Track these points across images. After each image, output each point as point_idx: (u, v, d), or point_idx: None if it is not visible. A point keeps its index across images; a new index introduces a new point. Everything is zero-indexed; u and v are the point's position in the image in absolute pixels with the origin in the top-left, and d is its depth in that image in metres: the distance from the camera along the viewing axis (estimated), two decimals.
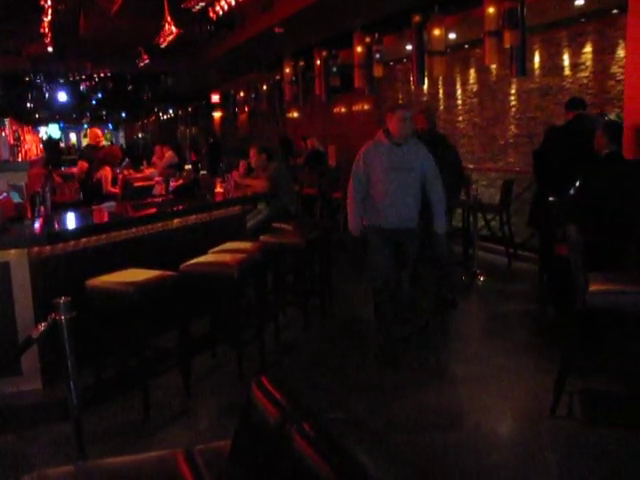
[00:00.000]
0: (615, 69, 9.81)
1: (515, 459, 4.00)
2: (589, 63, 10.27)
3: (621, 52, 9.51)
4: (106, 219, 5.97)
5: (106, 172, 9.72)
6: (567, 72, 10.68)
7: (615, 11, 9.51)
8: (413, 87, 13.85)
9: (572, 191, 5.85)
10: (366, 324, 6.78)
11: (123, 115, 38.83)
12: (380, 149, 5.76)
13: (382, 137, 5.81)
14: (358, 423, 1.96)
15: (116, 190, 9.77)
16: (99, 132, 10.96)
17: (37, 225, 5.33)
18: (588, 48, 10.26)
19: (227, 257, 5.40)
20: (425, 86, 12.77)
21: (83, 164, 10.14)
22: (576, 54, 10.50)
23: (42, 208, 5.72)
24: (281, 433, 1.91)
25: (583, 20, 10.24)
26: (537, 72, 11.30)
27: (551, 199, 6.95)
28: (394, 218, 5.67)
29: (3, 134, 7.31)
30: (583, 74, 10.37)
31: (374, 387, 5.15)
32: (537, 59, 11.28)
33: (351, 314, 7.19)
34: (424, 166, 5.72)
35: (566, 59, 10.73)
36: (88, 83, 24.06)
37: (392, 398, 4.90)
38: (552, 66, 10.99)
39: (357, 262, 9.80)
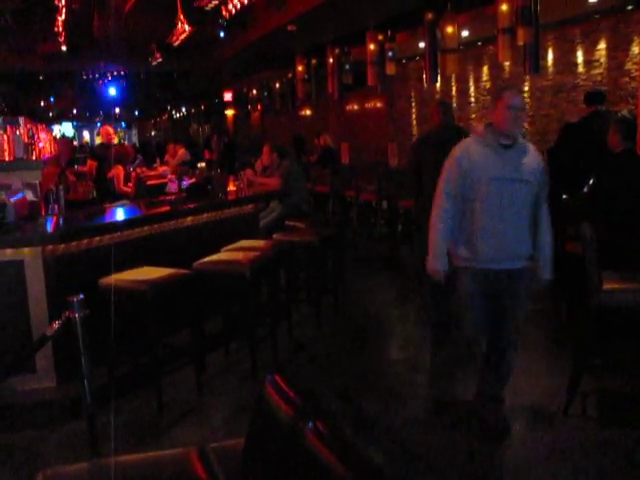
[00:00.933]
0: (629, 66, 9.76)
1: (529, 458, 3.98)
2: (603, 60, 10.22)
3: (635, 49, 9.46)
4: (119, 217, 5.98)
5: (118, 171, 9.74)
6: (581, 69, 10.64)
7: (630, 7, 9.46)
8: (426, 85, 13.83)
9: (585, 189, 5.82)
10: (377, 321, 6.79)
11: (136, 113, 38.95)
12: (482, 150, 4.11)
13: (483, 133, 4.16)
14: (372, 421, 1.96)
15: (128, 189, 9.80)
16: (111, 130, 10.99)
17: (51, 223, 5.36)
18: (602, 45, 10.22)
19: (240, 255, 5.41)
20: (438, 84, 12.74)
21: (92, 163, 10.16)
22: (590, 51, 10.45)
23: (56, 206, 5.75)
24: (294, 431, 1.91)
25: (597, 16, 10.20)
26: (550, 69, 11.27)
27: (564, 197, 6.92)
28: (497, 253, 4.09)
29: (18, 133, 7.35)
30: (597, 71, 10.33)
31: (388, 385, 5.15)
32: (550, 56, 11.24)
33: (364, 312, 7.18)
34: (538, 178, 4.14)
35: (580, 56, 10.69)
36: (101, 81, 24.13)
37: (406, 396, 4.90)
38: (565, 63, 10.95)
39: (369, 260, 9.80)
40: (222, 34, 13.38)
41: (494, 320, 4.19)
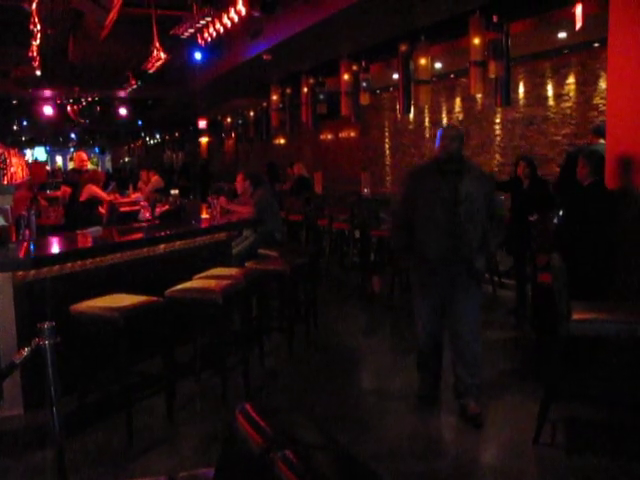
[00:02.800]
0: (597, 100, 9.97)
1: None
2: (572, 94, 10.43)
3: (603, 84, 9.68)
4: (91, 244, 5.96)
5: (92, 189, 9.73)
6: (551, 102, 10.85)
7: (596, 44, 9.68)
8: (399, 115, 13.99)
9: (555, 220, 5.92)
10: (349, 350, 6.80)
11: (110, 139, 38.85)
12: None
13: None
14: (342, 450, 1.96)
15: (109, 198, 9.81)
16: (84, 156, 10.98)
17: (22, 249, 5.32)
18: (571, 79, 10.44)
19: (212, 283, 5.40)
20: (411, 114, 12.90)
21: (66, 189, 10.14)
22: (560, 85, 10.67)
23: (27, 232, 5.71)
24: (265, 461, 1.91)
25: (566, 52, 10.42)
26: (521, 102, 11.47)
27: (532, 218, 7.02)
28: None
29: None
30: (566, 104, 10.53)
31: (359, 414, 5.14)
32: (521, 89, 11.45)
33: (336, 340, 7.18)
34: None
35: (550, 89, 10.90)
36: (75, 107, 24.07)
37: (377, 425, 4.90)
38: (536, 96, 11.16)
39: (341, 289, 9.83)
40: (198, 56, 13.41)
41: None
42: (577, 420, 4.81)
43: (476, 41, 8.94)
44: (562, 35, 9.63)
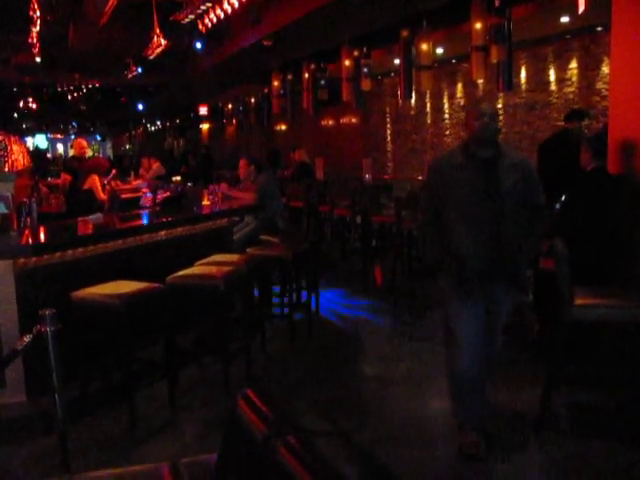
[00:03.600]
0: (600, 85, 9.93)
1: (501, 473, 4.00)
2: (575, 79, 10.39)
3: (605, 69, 9.63)
4: (92, 231, 5.95)
5: (94, 180, 9.70)
6: (553, 87, 10.80)
7: (599, 29, 9.62)
8: (401, 101, 13.94)
9: (557, 206, 5.90)
10: (351, 337, 6.80)
11: (110, 126, 38.78)
12: None
13: None
14: (344, 436, 1.96)
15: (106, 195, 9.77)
16: (84, 143, 10.93)
17: (23, 236, 5.31)
18: (574, 64, 10.38)
19: (214, 269, 5.40)
20: (413, 100, 12.85)
21: (66, 177, 10.10)
22: (562, 70, 10.61)
23: (28, 219, 5.71)
24: (267, 446, 1.91)
25: (568, 37, 10.36)
26: (523, 87, 11.42)
27: None
28: None
29: None
30: (569, 89, 10.49)
31: (360, 400, 5.15)
32: (523, 74, 11.39)
33: (337, 326, 7.19)
34: None
35: (552, 74, 10.85)
36: (76, 94, 24.01)
37: (379, 411, 4.90)
38: (538, 81, 11.11)
39: (343, 275, 9.83)
40: (199, 46, 13.38)
41: None
42: (580, 406, 4.82)
43: (478, 26, 8.88)
44: (565, 19, 9.57)
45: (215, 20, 10.63)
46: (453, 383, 4.34)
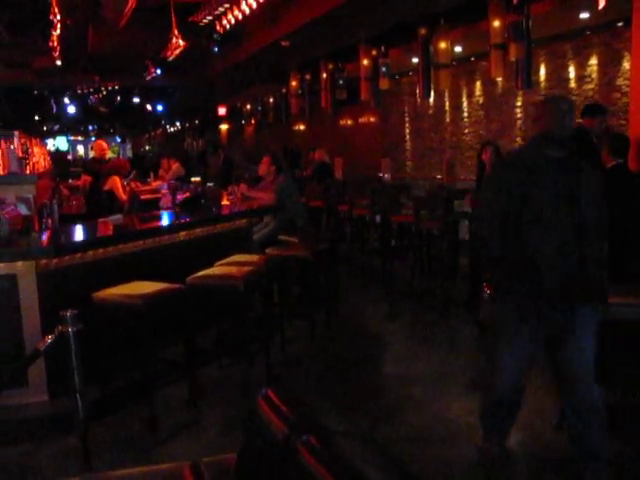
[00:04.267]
0: (620, 81, 9.83)
1: (520, 473, 3.98)
2: (594, 75, 10.29)
3: (626, 64, 9.53)
4: (113, 232, 5.99)
5: (115, 181, 9.75)
6: (572, 84, 10.71)
7: (620, 24, 9.53)
8: (419, 100, 13.90)
9: None
10: (371, 336, 6.80)
11: (130, 127, 38.97)
12: None
13: None
14: (364, 436, 1.96)
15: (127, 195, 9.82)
16: (105, 144, 10.99)
17: (44, 237, 5.35)
18: (593, 60, 10.29)
19: (233, 269, 5.41)
20: (431, 99, 12.80)
21: (86, 178, 10.16)
22: (581, 66, 10.52)
23: (49, 220, 5.75)
24: (287, 446, 1.91)
25: (588, 33, 10.27)
26: (542, 85, 11.33)
27: None
28: None
29: (12, 147, 7.36)
30: (588, 86, 10.39)
31: (380, 400, 5.14)
32: (542, 72, 11.31)
33: (357, 326, 7.18)
34: None
35: (571, 71, 10.75)
36: (96, 96, 24.17)
37: (399, 410, 4.89)
38: (557, 79, 11.02)
39: (362, 275, 9.81)
40: (216, 49, 13.43)
41: None
42: (604, 406, 4.78)
43: (496, 23, 8.84)
44: (584, 15, 9.49)
45: (233, 21, 10.66)
46: (488, 403, 4.03)
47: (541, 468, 4.01)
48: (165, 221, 6.64)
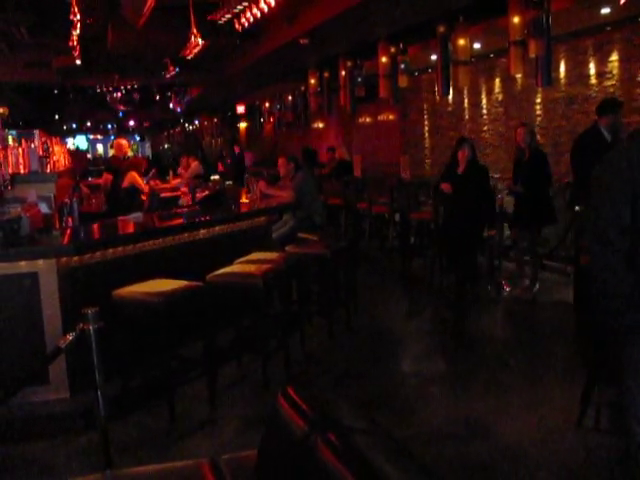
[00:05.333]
0: None
1: (541, 471, 3.96)
2: (615, 71, 10.20)
3: None
4: (133, 230, 6.02)
5: (134, 177, 9.81)
6: (593, 81, 10.62)
7: None
8: (438, 97, 13.84)
9: None
10: (390, 334, 6.79)
11: (149, 126, 39.18)
12: None
13: None
14: (384, 434, 1.96)
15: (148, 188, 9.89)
16: (125, 143, 11.05)
17: (65, 236, 5.39)
18: (614, 56, 10.20)
19: (253, 267, 5.42)
20: (450, 96, 12.75)
21: (108, 176, 10.23)
22: (602, 62, 10.44)
23: (70, 219, 5.79)
24: (307, 443, 1.92)
25: (609, 28, 10.18)
26: (563, 81, 11.25)
27: (577, 209, 6.92)
28: None
29: (32, 146, 7.42)
30: (609, 83, 10.31)
31: (400, 397, 5.14)
32: (562, 68, 11.23)
33: (376, 324, 7.17)
34: None
35: (592, 68, 10.67)
36: (115, 95, 24.30)
37: (418, 408, 4.89)
38: (578, 75, 10.94)
39: (381, 272, 9.80)
40: (238, 42, 13.47)
41: None
42: (621, 404, 4.74)
43: (516, 20, 8.78)
44: (605, 11, 9.40)
45: (251, 19, 10.66)
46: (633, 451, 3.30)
47: (563, 467, 3.98)
48: (185, 219, 6.66)
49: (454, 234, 7.64)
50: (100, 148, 43.77)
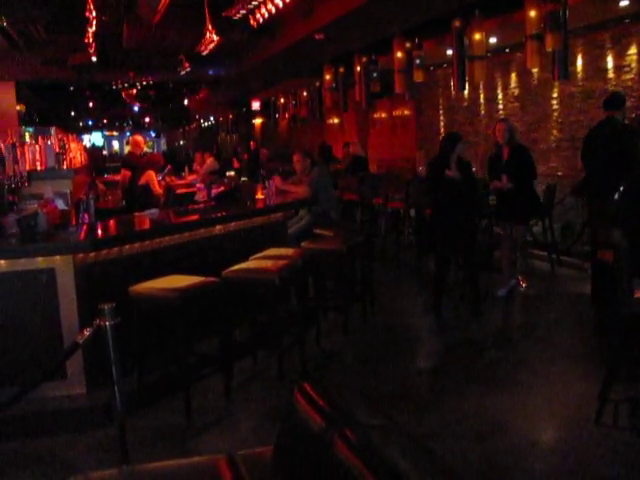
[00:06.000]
0: None
1: (559, 467, 3.94)
2: (634, 65, 10.10)
3: None
4: (149, 226, 6.04)
5: (150, 175, 9.83)
6: (611, 75, 10.53)
7: None
8: (454, 92, 13.78)
9: (616, 196, 5.76)
10: (406, 330, 6.77)
11: (164, 122, 39.30)
12: None
13: None
14: (400, 430, 1.95)
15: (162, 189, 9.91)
16: (141, 139, 11.08)
17: (82, 232, 5.41)
18: (633, 50, 10.10)
19: (269, 263, 5.43)
20: (466, 91, 12.69)
21: (126, 172, 10.26)
22: (620, 56, 10.34)
23: (86, 215, 5.81)
24: (323, 439, 1.91)
25: (627, 21, 10.09)
26: (580, 75, 11.16)
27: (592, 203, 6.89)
28: None
29: (49, 142, 7.45)
30: (627, 76, 10.21)
31: (416, 393, 5.13)
32: (580, 62, 11.14)
33: (392, 319, 7.16)
34: None
35: (610, 61, 10.57)
36: (131, 91, 24.38)
37: (434, 404, 4.87)
38: (595, 69, 10.85)
39: (397, 268, 9.78)
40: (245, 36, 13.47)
41: None
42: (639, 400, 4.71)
43: (532, 13, 8.71)
44: (624, 3, 9.32)
45: (266, 15, 10.66)
46: None
47: (580, 464, 3.96)
48: (200, 215, 6.67)
49: (452, 224, 7.28)
50: (116, 145, 43.99)
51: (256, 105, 24.88)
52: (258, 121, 27.84)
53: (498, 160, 7.74)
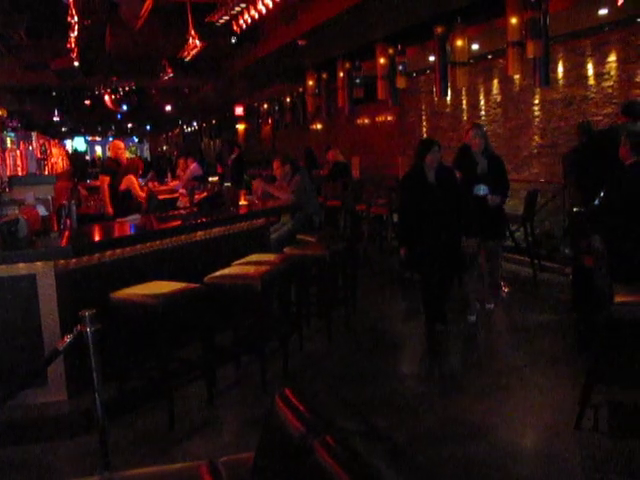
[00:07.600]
0: None
1: (539, 472, 3.96)
2: (613, 72, 10.22)
3: None
4: (130, 232, 6.01)
5: (131, 180, 9.78)
6: (591, 82, 10.64)
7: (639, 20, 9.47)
8: (436, 98, 13.86)
9: (597, 202, 5.81)
10: (389, 335, 6.78)
11: (148, 128, 39.18)
12: None
13: None
14: (381, 436, 1.96)
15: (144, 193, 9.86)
16: (121, 144, 11.01)
17: (63, 238, 5.38)
18: (612, 57, 10.22)
19: (251, 269, 5.42)
20: (449, 97, 12.77)
21: (104, 178, 10.19)
22: (600, 63, 10.45)
23: (68, 221, 5.78)
24: (304, 446, 1.91)
25: (607, 29, 10.20)
26: (561, 82, 11.27)
27: (575, 209, 6.92)
28: None
29: (30, 148, 7.42)
30: (607, 84, 10.32)
31: (398, 399, 5.13)
32: (560, 69, 11.25)
33: (375, 325, 7.17)
34: None
35: (590, 69, 10.68)
36: (113, 97, 24.30)
37: (416, 411, 4.88)
38: (576, 76, 10.96)
39: (380, 274, 9.80)
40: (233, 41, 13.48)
41: None
42: (620, 405, 4.75)
43: (513, 21, 8.80)
44: (603, 12, 9.42)
45: (250, 21, 10.67)
46: None
47: (560, 469, 3.98)
48: (183, 221, 6.65)
49: (437, 241, 6.90)
50: (99, 150, 43.79)
51: (239, 111, 24.87)
52: (241, 126, 27.83)
53: (472, 167, 7.32)
